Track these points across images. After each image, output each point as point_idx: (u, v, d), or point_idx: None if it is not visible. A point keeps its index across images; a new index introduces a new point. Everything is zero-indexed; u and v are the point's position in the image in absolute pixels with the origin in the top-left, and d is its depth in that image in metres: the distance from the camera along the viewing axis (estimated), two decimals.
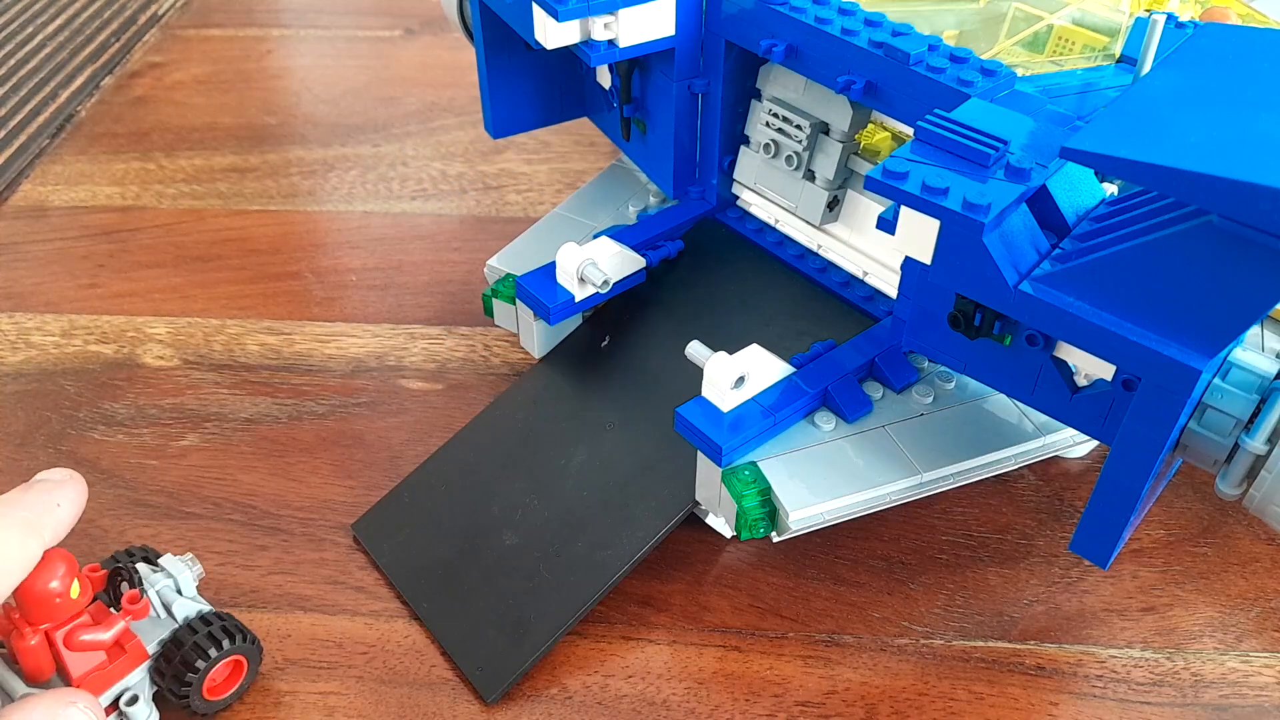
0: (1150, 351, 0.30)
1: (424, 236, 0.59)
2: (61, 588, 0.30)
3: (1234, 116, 0.29)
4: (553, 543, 0.40)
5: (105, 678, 0.33)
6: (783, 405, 0.37)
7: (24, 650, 0.31)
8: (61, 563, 0.31)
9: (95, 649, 0.32)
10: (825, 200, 0.43)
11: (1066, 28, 0.42)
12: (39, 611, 0.31)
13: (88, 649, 0.32)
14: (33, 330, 0.53)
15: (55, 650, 0.31)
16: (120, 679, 0.33)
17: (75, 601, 0.31)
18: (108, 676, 0.33)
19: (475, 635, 0.38)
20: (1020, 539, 0.42)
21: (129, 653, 0.33)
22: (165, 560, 0.36)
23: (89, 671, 0.32)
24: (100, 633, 0.32)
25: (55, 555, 0.31)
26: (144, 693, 0.34)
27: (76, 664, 0.32)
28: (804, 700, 0.37)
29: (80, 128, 0.69)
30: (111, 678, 0.33)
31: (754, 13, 0.41)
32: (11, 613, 0.31)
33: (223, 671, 0.35)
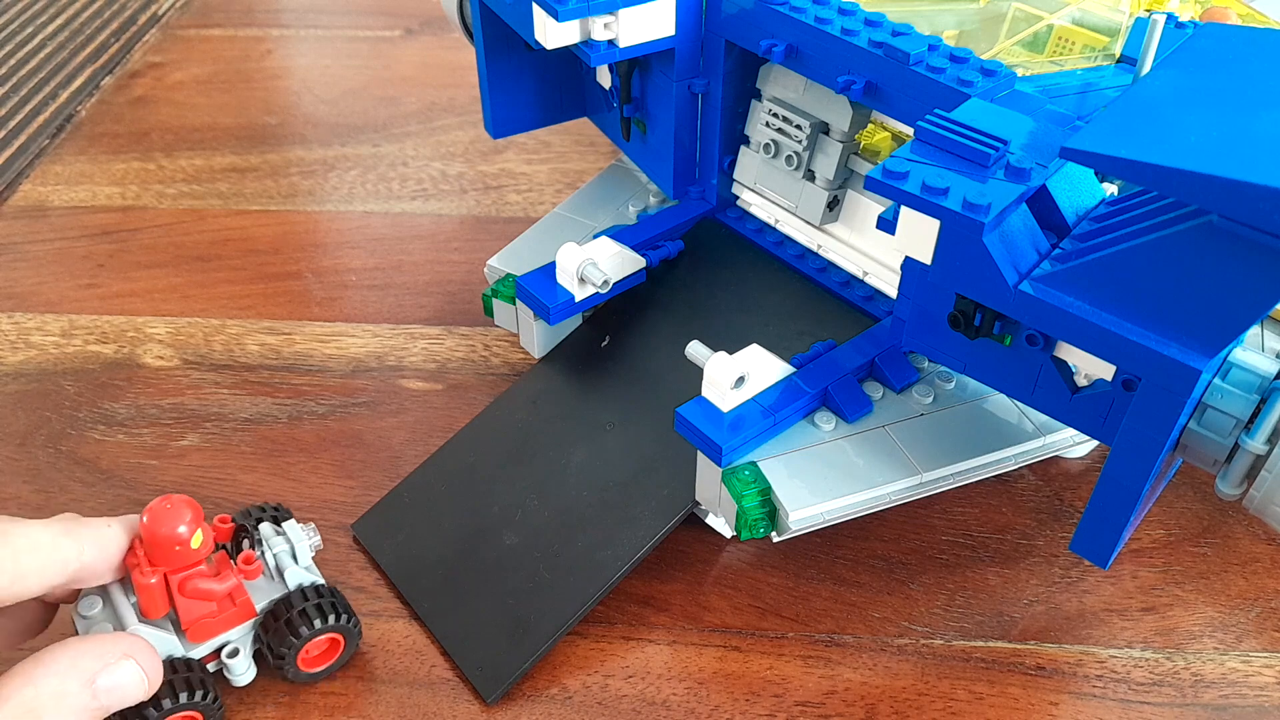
0: (1150, 351, 0.30)
1: (424, 236, 0.59)
2: (184, 536, 0.32)
3: (1234, 116, 0.29)
4: (553, 543, 0.40)
5: (212, 626, 0.34)
6: (783, 405, 0.37)
7: (142, 587, 0.32)
8: (188, 510, 0.32)
9: (207, 599, 0.33)
10: (825, 200, 0.43)
11: (1066, 28, 0.42)
12: (160, 555, 0.32)
13: (200, 598, 0.33)
14: (33, 330, 0.53)
15: (170, 593, 0.33)
16: (225, 630, 0.35)
17: (195, 551, 0.32)
18: (214, 626, 0.34)
19: (475, 635, 0.38)
20: (1020, 539, 0.42)
21: (238, 608, 0.34)
22: (288, 526, 0.37)
23: (198, 618, 0.34)
24: (213, 584, 0.33)
25: (183, 503, 0.32)
26: (245, 648, 0.35)
27: (187, 609, 0.33)
28: (804, 700, 0.37)
29: (80, 128, 0.69)
30: (218, 628, 0.34)
31: (754, 13, 0.41)
32: (139, 548, 0.33)
33: (320, 645, 0.36)
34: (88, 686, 0.29)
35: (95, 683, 0.30)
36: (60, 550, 0.31)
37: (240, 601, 0.34)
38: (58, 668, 0.29)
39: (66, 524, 0.32)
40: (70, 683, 0.29)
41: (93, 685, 0.30)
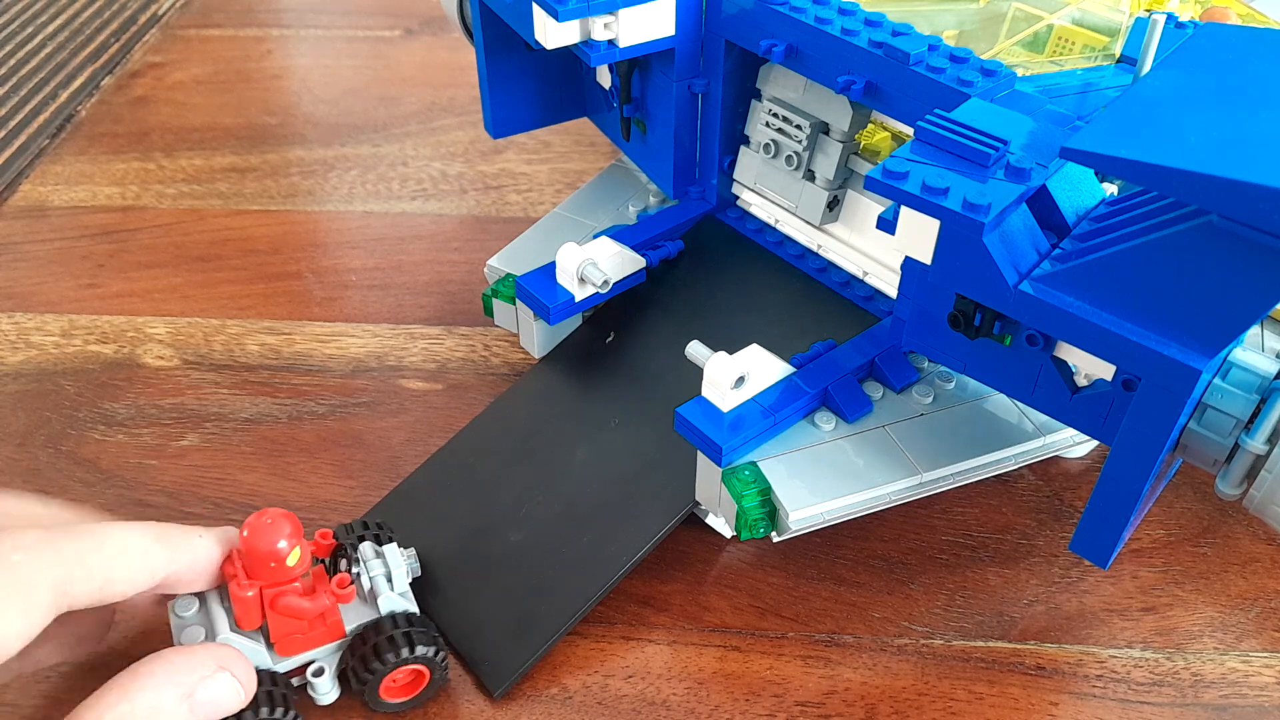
0: (1150, 351, 0.30)
1: (424, 236, 0.59)
2: (282, 553, 0.32)
3: (1234, 116, 0.29)
4: (558, 539, 0.40)
5: (301, 643, 0.34)
6: (783, 405, 0.37)
7: (238, 599, 0.33)
8: (287, 526, 0.32)
9: (298, 617, 0.34)
10: (825, 200, 0.43)
11: (1066, 28, 0.42)
12: (257, 569, 0.32)
13: (291, 615, 0.33)
14: (33, 330, 0.53)
15: (263, 606, 0.33)
16: (314, 648, 0.35)
17: (291, 569, 0.33)
18: (303, 642, 0.34)
19: (481, 630, 0.38)
20: (1020, 539, 0.42)
21: (328, 627, 0.35)
22: (388, 550, 0.36)
23: (288, 634, 0.34)
24: (305, 604, 0.33)
25: (283, 519, 0.32)
26: (330, 667, 0.35)
27: (277, 625, 0.33)
28: (804, 700, 0.37)
29: (80, 128, 0.69)
30: (307, 644, 0.34)
31: (754, 13, 0.41)
32: (237, 559, 0.33)
33: (405, 675, 0.36)
34: (184, 700, 0.29)
35: (193, 696, 0.30)
36: (151, 557, 0.31)
37: (331, 621, 0.34)
38: (154, 681, 0.29)
39: (159, 530, 0.32)
40: (166, 697, 0.29)
41: (190, 699, 0.29)
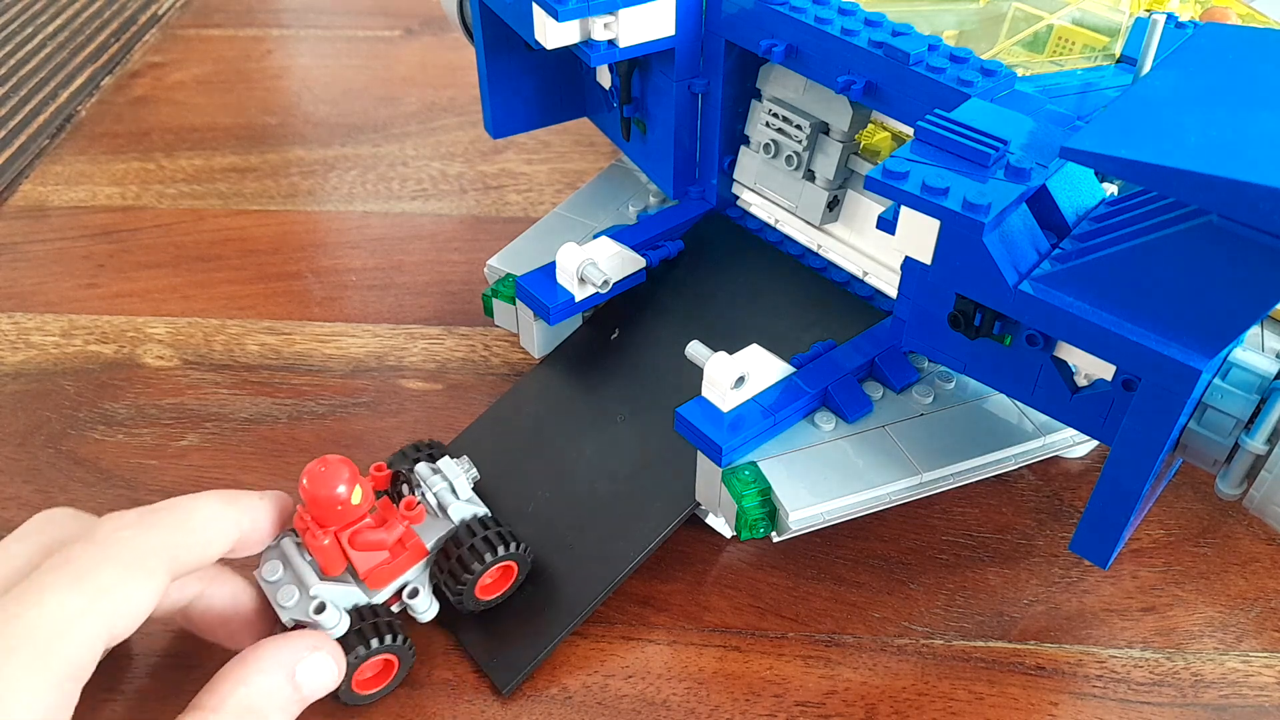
0: (1150, 351, 0.30)
1: (424, 236, 0.59)
2: (344, 495, 0.33)
3: (1234, 116, 0.29)
4: (560, 538, 0.40)
5: (388, 572, 0.35)
6: (783, 405, 0.37)
7: (317, 549, 0.34)
8: (344, 469, 0.33)
9: (378, 549, 0.35)
10: (825, 200, 0.43)
11: (1066, 28, 0.42)
12: (326, 515, 0.33)
13: (372, 548, 0.34)
14: (32, 330, 0.53)
15: (343, 549, 0.34)
16: (402, 574, 0.36)
17: (357, 507, 0.34)
18: (391, 571, 0.35)
19: (490, 627, 0.38)
20: (1020, 539, 0.42)
21: (409, 550, 0.36)
22: (443, 463, 0.37)
23: (374, 567, 0.35)
24: (382, 534, 0.34)
25: (338, 463, 0.33)
26: (424, 586, 0.37)
27: (362, 561, 0.34)
28: (804, 700, 0.37)
29: (80, 128, 0.69)
30: (394, 572, 0.35)
31: (754, 13, 0.41)
32: (305, 514, 0.34)
33: (494, 574, 0.37)
34: (290, 680, 0.31)
35: (295, 676, 0.31)
36: (228, 520, 0.33)
37: (411, 544, 0.36)
38: (261, 665, 0.31)
39: (228, 495, 0.34)
40: (276, 678, 0.31)
41: (294, 679, 0.31)
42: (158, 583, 0.29)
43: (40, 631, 0.26)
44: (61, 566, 0.28)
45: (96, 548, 0.29)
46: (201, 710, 0.29)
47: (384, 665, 0.36)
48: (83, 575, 0.28)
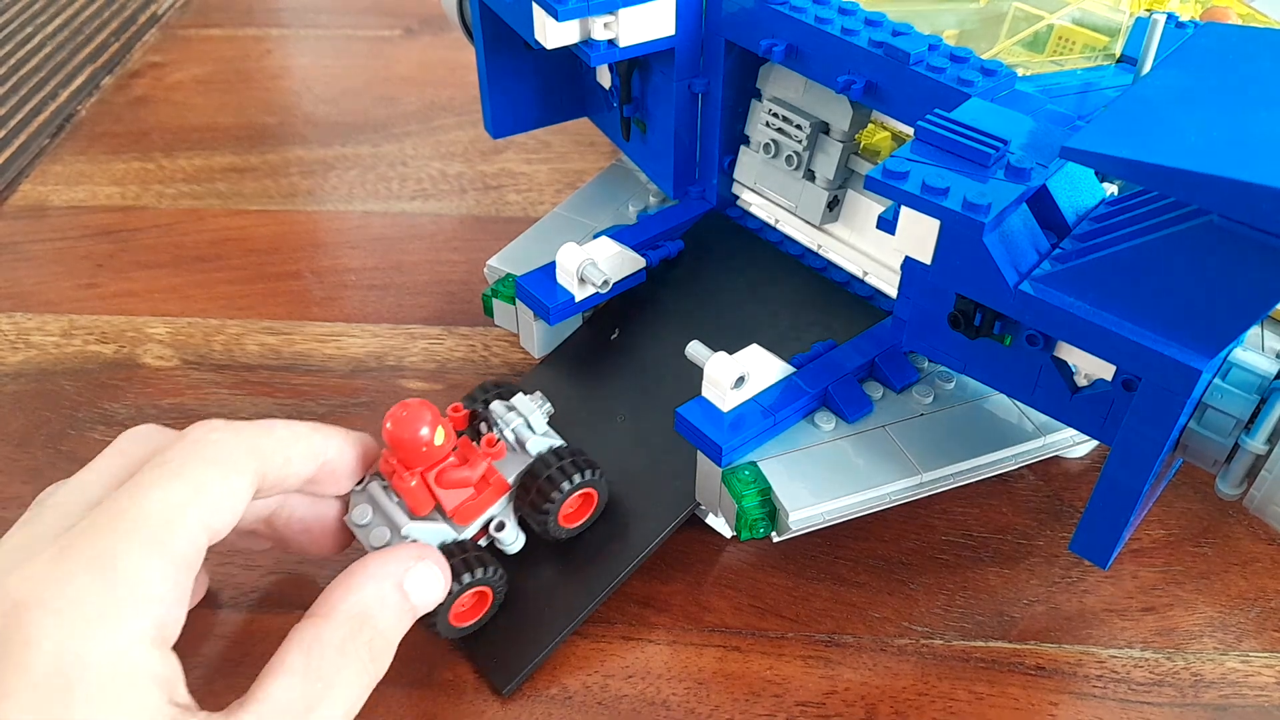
0: (1150, 351, 0.30)
1: (424, 236, 0.59)
2: (428, 437, 0.34)
3: (1234, 116, 0.29)
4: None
5: (474, 508, 0.36)
6: (783, 405, 0.37)
7: (404, 490, 0.35)
8: (426, 412, 0.34)
9: (463, 486, 0.36)
10: (825, 200, 0.43)
11: (1067, 27, 0.42)
12: (411, 457, 0.34)
13: (457, 485, 0.36)
14: (32, 330, 0.53)
15: (430, 488, 0.35)
16: (487, 509, 0.37)
17: (440, 447, 0.35)
18: (476, 507, 0.36)
19: (487, 629, 0.38)
20: (1020, 539, 0.42)
21: (493, 486, 0.37)
22: (517, 401, 0.38)
23: (460, 504, 0.36)
24: (466, 472, 0.36)
25: (420, 406, 0.34)
26: (509, 519, 0.38)
27: (448, 499, 0.36)
28: (804, 700, 0.37)
29: (80, 127, 0.69)
30: (480, 508, 0.36)
31: (754, 12, 0.41)
32: (391, 458, 0.35)
33: (574, 502, 0.38)
34: (399, 589, 0.32)
35: (404, 585, 0.32)
36: (314, 443, 0.34)
37: (494, 480, 0.37)
38: (370, 574, 0.32)
39: (312, 424, 0.34)
40: (386, 585, 0.32)
41: (402, 588, 0.32)
42: (248, 481, 0.30)
43: (151, 519, 0.27)
44: (159, 466, 0.29)
45: (190, 448, 0.30)
46: (314, 617, 0.30)
47: (478, 599, 0.37)
48: (180, 472, 0.29)
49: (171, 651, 0.27)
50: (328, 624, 0.30)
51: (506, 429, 0.38)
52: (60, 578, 0.26)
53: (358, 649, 0.30)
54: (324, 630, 0.30)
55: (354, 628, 0.30)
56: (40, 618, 0.25)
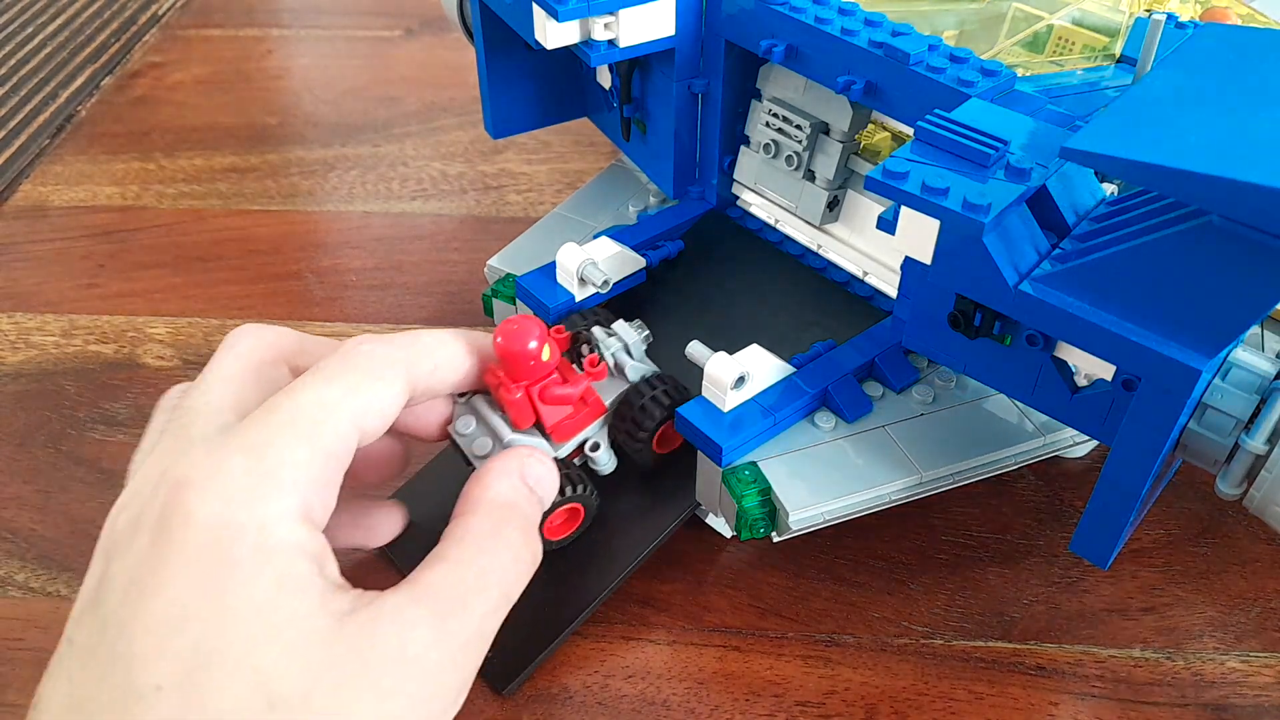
0: (1150, 351, 0.30)
1: (424, 236, 0.59)
2: (535, 350, 0.35)
3: (1234, 116, 0.29)
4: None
5: (572, 427, 0.37)
6: (783, 405, 0.37)
7: (509, 403, 0.35)
8: (535, 327, 0.35)
9: (564, 403, 0.36)
10: (825, 200, 0.43)
11: (1066, 28, 0.42)
12: (519, 370, 0.35)
13: (558, 403, 0.36)
14: (33, 330, 0.53)
15: (533, 403, 0.35)
16: (584, 428, 0.37)
17: (546, 363, 0.35)
18: (574, 426, 0.37)
19: None
20: (1020, 539, 0.42)
21: (590, 407, 0.37)
22: (618, 327, 0.39)
23: (559, 421, 0.36)
24: (568, 389, 0.36)
25: (530, 321, 0.35)
26: (604, 441, 0.38)
27: (549, 415, 0.36)
28: (804, 700, 0.37)
29: (80, 128, 0.69)
30: (577, 427, 0.37)
31: (754, 13, 0.41)
32: (497, 371, 0.35)
33: (670, 429, 0.38)
34: (523, 481, 0.33)
35: (526, 478, 0.33)
36: (458, 349, 0.34)
37: (591, 401, 0.37)
38: (499, 472, 0.33)
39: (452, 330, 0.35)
40: (515, 479, 0.33)
41: (526, 480, 0.33)
42: (399, 389, 0.31)
43: (304, 414, 0.29)
44: (315, 373, 0.30)
45: (343, 358, 0.31)
46: (460, 515, 0.31)
47: (570, 514, 0.37)
48: (333, 377, 0.30)
49: (320, 533, 0.28)
50: (475, 517, 0.31)
51: (606, 353, 0.38)
52: (216, 461, 0.27)
53: (511, 533, 0.31)
54: (472, 523, 0.31)
55: (502, 516, 0.31)
56: (198, 494, 0.26)
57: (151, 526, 0.26)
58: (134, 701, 0.24)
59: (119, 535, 0.27)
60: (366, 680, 0.26)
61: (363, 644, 0.26)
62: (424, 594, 0.28)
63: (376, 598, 0.28)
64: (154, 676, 0.24)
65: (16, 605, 0.40)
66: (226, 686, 0.25)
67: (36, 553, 0.42)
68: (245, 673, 0.25)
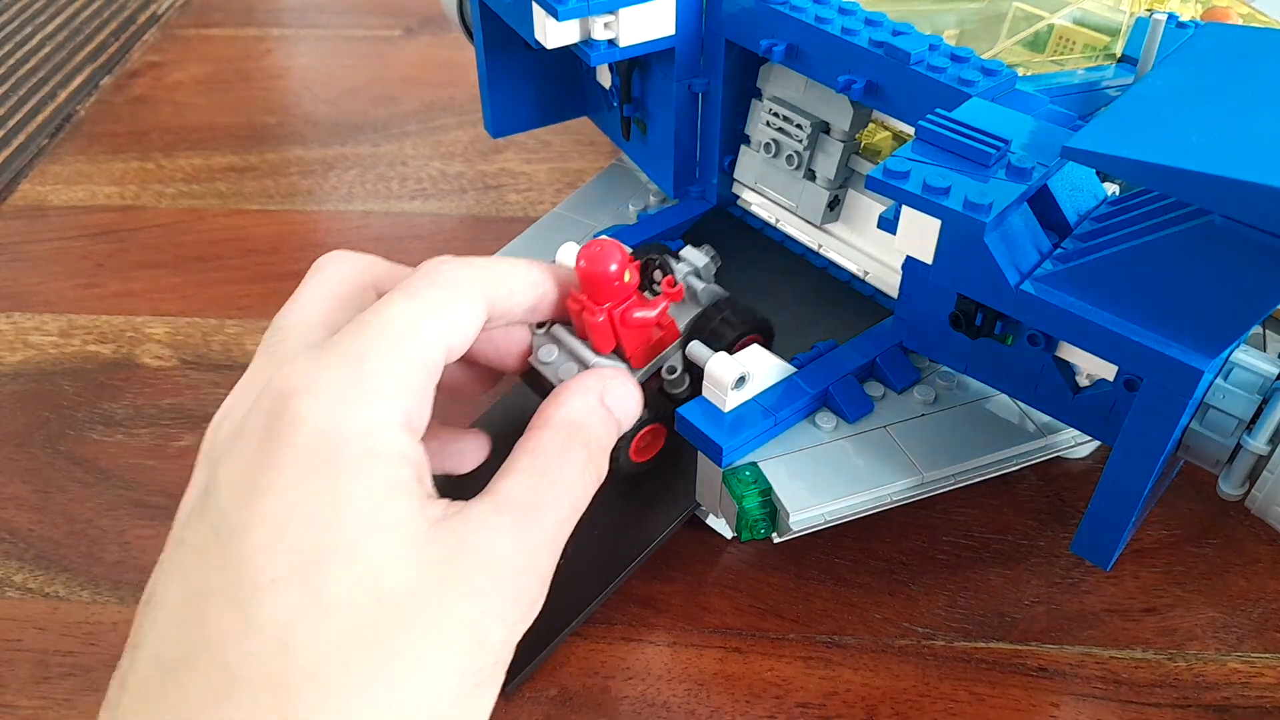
0: (1152, 351, 0.30)
1: (424, 236, 0.59)
2: (617, 272, 0.35)
3: (1235, 116, 0.29)
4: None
5: (651, 350, 0.37)
6: (783, 405, 0.37)
7: (593, 325, 0.35)
8: (617, 250, 0.35)
9: (644, 326, 0.36)
10: (826, 200, 0.43)
11: (1067, 27, 0.42)
12: (602, 293, 0.35)
13: (639, 325, 0.36)
14: (31, 330, 0.53)
15: (614, 326, 0.36)
16: (661, 352, 0.38)
17: (628, 285, 0.35)
18: (653, 349, 0.37)
19: None
20: (1022, 539, 0.42)
21: (666, 330, 0.37)
22: (686, 253, 0.40)
23: (639, 345, 0.37)
24: (648, 311, 0.36)
25: (612, 244, 0.35)
26: (679, 364, 0.38)
27: (629, 338, 0.36)
28: (805, 701, 0.37)
29: (79, 127, 0.69)
30: (655, 351, 0.37)
31: (754, 12, 0.41)
32: (579, 296, 0.36)
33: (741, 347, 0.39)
34: (602, 402, 0.34)
35: (605, 399, 0.34)
36: (534, 275, 0.35)
37: (667, 324, 0.37)
38: (575, 390, 0.33)
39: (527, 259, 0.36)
40: (591, 399, 0.33)
41: (605, 402, 0.34)
42: (479, 309, 0.32)
43: (394, 327, 0.30)
44: (400, 290, 0.31)
45: (424, 277, 0.32)
46: (535, 429, 0.32)
47: (653, 437, 0.38)
48: (416, 293, 0.31)
49: (419, 443, 0.29)
50: (546, 431, 0.32)
51: (677, 277, 0.39)
52: (318, 369, 0.28)
53: (576, 451, 0.32)
54: (544, 437, 0.32)
55: (570, 433, 0.32)
56: (304, 400, 0.27)
57: (259, 432, 0.27)
58: (251, 592, 0.25)
59: (222, 443, 0.29)
60: (463, 582, 0.27)
61: (456, 548, 0.28)
62: (505, 503, 0.29)
63: (464, 506, 0.29)
64: (269, 570, 0.25)
65: (15, 606, 0.40)
66: (340, 578, 0.26)
67: (35, 553, 0.42)
68: (356, 566, 0.26)
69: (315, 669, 0.25)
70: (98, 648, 0.39)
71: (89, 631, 0.39)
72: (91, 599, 0.40)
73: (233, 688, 0.24)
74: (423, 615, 0.27)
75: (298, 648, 0.25)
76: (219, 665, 0.25)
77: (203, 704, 0.24)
